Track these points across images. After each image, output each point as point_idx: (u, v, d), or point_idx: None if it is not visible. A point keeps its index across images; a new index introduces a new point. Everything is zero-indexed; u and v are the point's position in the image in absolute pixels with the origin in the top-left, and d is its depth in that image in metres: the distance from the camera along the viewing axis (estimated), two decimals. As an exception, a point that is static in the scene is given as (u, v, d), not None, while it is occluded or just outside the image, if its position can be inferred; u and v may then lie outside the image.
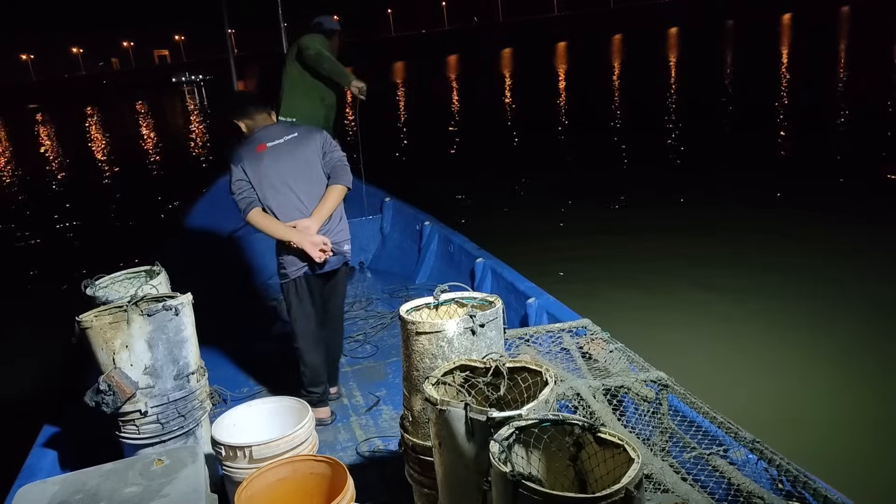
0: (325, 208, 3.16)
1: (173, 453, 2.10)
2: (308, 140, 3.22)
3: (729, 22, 54.53)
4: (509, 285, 4.16)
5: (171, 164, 17.82)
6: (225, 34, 6.32)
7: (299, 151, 3.19)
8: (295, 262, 3.22)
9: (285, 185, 3.15)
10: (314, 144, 3.21)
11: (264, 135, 3.22)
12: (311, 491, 2.27)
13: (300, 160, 3.18)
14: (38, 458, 2.86)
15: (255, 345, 4.48)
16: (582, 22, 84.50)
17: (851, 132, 11.09)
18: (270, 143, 3.18)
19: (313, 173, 3.19)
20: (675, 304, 5.58)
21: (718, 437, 2.25)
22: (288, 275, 3.27)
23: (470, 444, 1.59)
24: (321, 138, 3.26)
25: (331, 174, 3.22)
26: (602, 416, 2.23)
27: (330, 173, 3.22)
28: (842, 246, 6.28)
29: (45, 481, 2.03)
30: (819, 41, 29.00)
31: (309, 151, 3.20)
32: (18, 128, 39.75)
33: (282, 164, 3.15)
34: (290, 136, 3.22)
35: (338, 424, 3.45)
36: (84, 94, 72.75)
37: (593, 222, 8.04)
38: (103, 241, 10.31)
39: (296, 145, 3.19)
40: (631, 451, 1.34)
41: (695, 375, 3.96)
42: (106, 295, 2.93)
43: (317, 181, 3.20)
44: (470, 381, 1.80)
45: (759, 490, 1.91)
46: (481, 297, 2.21)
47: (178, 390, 2.64)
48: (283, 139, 3.20)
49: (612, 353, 2.69)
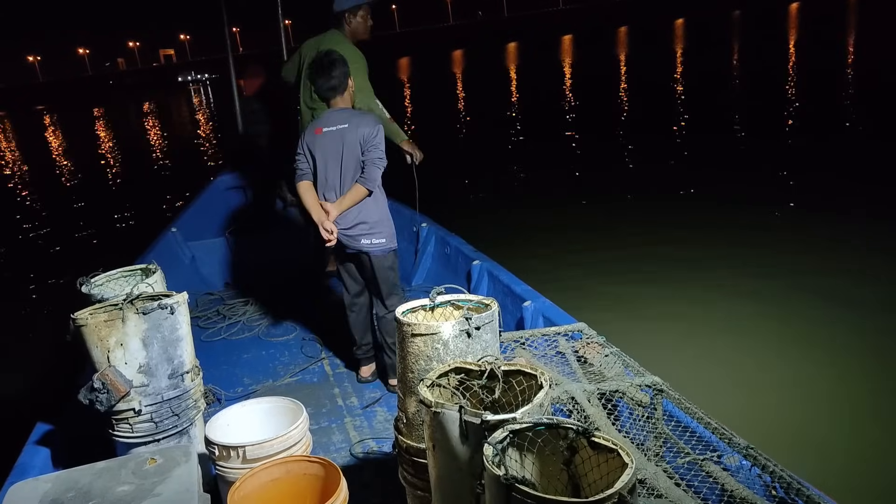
0: (344, 201, 3.48)
1: (166, 452, 2.09)
2: (354, 133, 3.47)
3: (735, 12, 54.55)
4: (505, 288, 4.16)
5: (173, 163, 17.82)
6: (226, 33, 6.32)
7: (344, 142, 3.48)
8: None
9: (325, 168, 3.52)
10: (357, 138, 3.46)
11: (326, 119, 3.55)
12: (305, 492, 2.26)
13: (341, 150, 3.48)
14: (31, 455, 2.84)
15: (251, 344, 4.48)
16: (587, 14, 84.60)
17: (857, 130, 11.06)
18: (326, 129, 3.51)
19: (349, 165, 3.49)
20: (671, 309, 5.58)
21: (712, 442, 2.25)
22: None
23: (464, 446, 1.59)
24: (367, 133, 3.47)
25: (362, 171, 3.49)
26: (596, 421, 2.23)
27: (362, 170, 3.49)
28: (841, 249, 6.26)
29: (38, 479, 2.02)
30: (825, 32, 28.97)
31: (351, 144, 3.47)
32: (25, 129, 39.74)
33: (326, 149, 3.50)
34: (342, 125, 3.49)
35: (332, 425, 3.44)
36: (91, 94, 72.71)
37: (591, 225, 8.03)
38: (101, 239, 10.31)
39: (343, 135, 3.48)
40: (625, 455, 1.34)
41: (690, 381, 3.96)
42: (101, 293, 2.93)
43: (350, 173, 3.50)
44: (465, 383, 1.80)
45: (752, 496, 1.91)
46: (477, 299, 2.21)
47: (173, 389, 2.64)
48: (335, 127, 3.50)
49: (607, 357, 2.69)
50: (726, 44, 30.86)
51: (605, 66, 28.66)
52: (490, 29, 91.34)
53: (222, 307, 4.99)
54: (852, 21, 32.82)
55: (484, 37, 76.78)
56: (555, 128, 15.34)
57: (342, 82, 3.57)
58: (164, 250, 5.08)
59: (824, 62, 19.47)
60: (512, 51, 52.50)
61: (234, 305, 5.01)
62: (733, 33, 37.20)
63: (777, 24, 37.70)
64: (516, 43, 61.43)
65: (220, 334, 4.62)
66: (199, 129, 26.88)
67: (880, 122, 11.18)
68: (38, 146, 28.05)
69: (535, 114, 18.64)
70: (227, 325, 4.73)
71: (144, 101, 50.15)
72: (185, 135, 25.62)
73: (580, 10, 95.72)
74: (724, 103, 15.26)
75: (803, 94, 15.08)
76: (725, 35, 35.83)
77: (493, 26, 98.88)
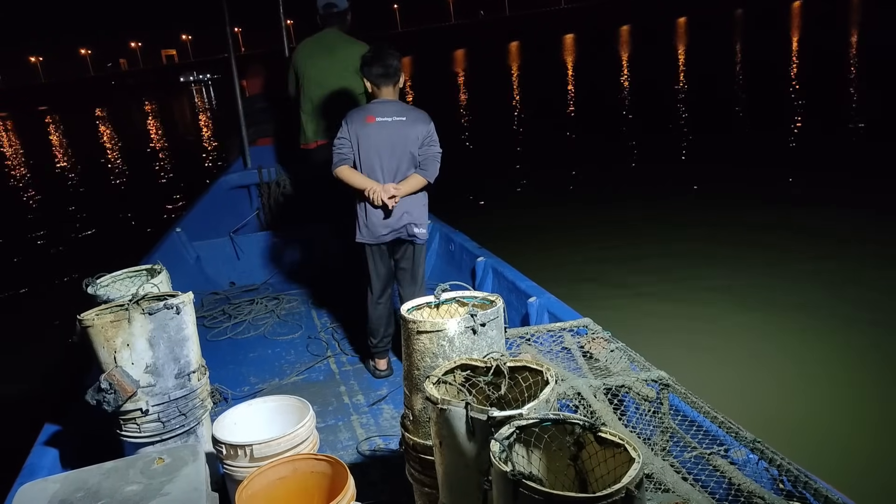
0: (404, 186, 3.53)
1: (174, 452, 2.10)
2: (413, 128, 3.53)
3: (738, 11, 54.40)
4: (510, 284, 4.15)
5: (176, 163, 17.84)
6: (227, 33, 6.32)
7: (401, 134, 3.52)
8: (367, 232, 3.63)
9: (376, 157, 3.52)
10: (416, 134, 3.53)
11: (379, 109, 3.54)
12: (312, 490, 2.26)
13: (397, 141, 3.52)
14: (39, 456, 2.85)
15: (257, 343, 4.49)
16: (589, 13, 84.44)
17: (862, 127, 11.01)
18: (380, 119, 3.51)
19: (404, 157, 3.54)
20: (677, 303, 5.57)
21: (719, 436, 2.25)
22: (362, 241, 3.68)
23: (470, 443, 1.59)
24: (426, 130, 3.56)
25: (421, 164, 3.57)
26: (603, 416, 2.23)
27: (420, 163, 3.57)
28: (848, 244, 6.24)
29: (46, 479, 2.02)
30: (829, 29, 28.84)
31: (409, 137, 3.53)
32: (28, 129, 39.82)
33: (380, 139, 3.51)
34: (400, 118, 3.53)
35: (339, 423, 3.45)
36: (93, 95, 72.83)
37: (595, 221, 8.02)
38: (106, 239, 10.33)
39: (400, 128, 3.52)
40: (632, 450, 1.34)
41: (696, 375, 3.97)
42: (107, 293, 2.93)
43: (404, 164, 3.56)
44: (471, 380, 1.80)
45: (759, 490, 1.90)
46: (482, 296, 2.21)
47: (179, 389, 2.64)
48: (392, 118, 3.52)
49: (613, 352, 2.69)
50: (728, 41, 30.76)
51: (606, 65, 28.58)
52: (492, 28, 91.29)
53: (228, 307, 5.00)
54: (854, 19, 32.62)
55: (486, 36, 76.69)
56: (559, 125, 15.32)
57: (399, 72, 3.61)
58: (168, 250, 5.09)
59: (827, 58, 19.38)
60: (514, 50, 52.41)
61: (240, 305, 5.02)
62: (735, 31, 37.08)
63: (778, 22, 37.51)
64: (518, 42, 61.32)
65: (225, 333, 4.63)
66: (201, 129, 26.91)
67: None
68: (41, 147, 28.10)
69: (538, 111, 18.62)
70: (232, 324, 4.74)
71: (146, 102, 50.21)
72: (188, 135, 25.65)
73: (582, 10, 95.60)
74: (725, 102, 15.21)
75: (806, 91, 15.02)
76: (728, 33, 35.71)
77: (494, 25, 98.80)
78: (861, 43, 22.63)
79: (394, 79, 3.58)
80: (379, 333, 3.87)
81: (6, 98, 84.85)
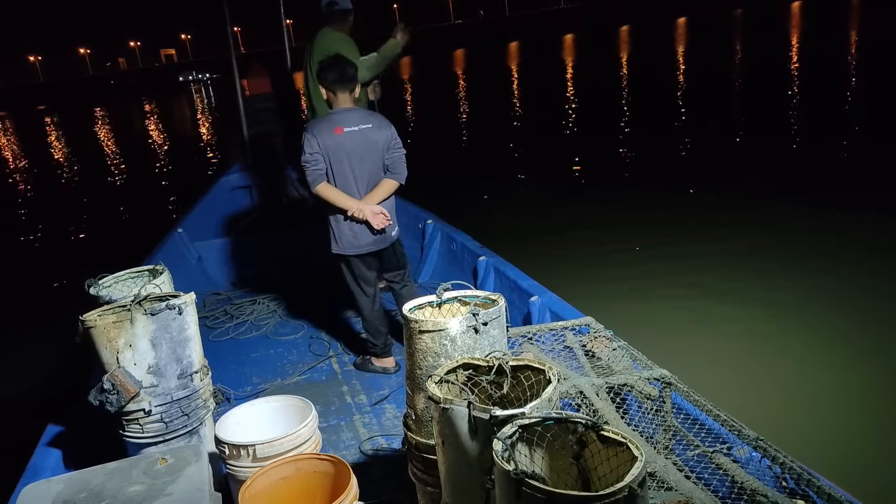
0: (376, 196, 3.60)
1: (177, 452, 2.10)
2: (379, 133, 3.60)
3: (738, 11, 54.36)
4: (512, 283, 4.15)
5: (177, 163, 17.85)
6: (228, 33, 6.32)
7: (370, 141, 3.58)
8: (349, 242, 3.67)
9: (349, 168, 3.57)
10: (383, 139, 3.60)
11: (344, 119, 3.58)
12: (315, 489, 2.27)
13: (366, 150, 3.57)
14: (43, 457, 2.86)
15: (259, 343, 4.49)
16: (588, 13, 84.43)
17: (863, 126, 10.98)
18: (347, 129, 3.55)
19: (374, 164, 3.61)
20: (678, 302, 5.57)
21: (722, 434, 2.24)
22: (343, 253, 3.70)
23: (473, 442, 1.59)
24: (390, 134, 3.63)
25: (389, 168, 3.63)
26: (605, 415, 2.23)
27: (389, 167, 3.63)
28: (850, 242, 6.23)
29: (50, 480, 2.03)
30: (830, 28, 28.79)
31: (378, 144, 3.59)
32: (27, 129, 39.85)
33: (351, 149, 3.55)
34: (365, 125, 3.59)
35: (341, 423, 3.45)
36: (92, 94, 72.85)
37: (595, 220, 8.02)
38: (107, 240, 10.33)
39: (368, 135, 3.57)
40: (634, 449, 1.34)
41: (698, 373, 3.96)
42: (109, 294, 2.94)
43: (374, 171, 3.62)
44: (473, 379, 1.80)
45: (762, 488, 1.90)
46: (484, 295, 2.21)
47: (182, 389, 2.65)
48: (358, 127, 3.57)
49: (615, 350, 2.69)
50: (728, 41, 30.72)
51: (606, 65, 28.55)
52: (491, 28, 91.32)
53: (230, 307, 5.00)
54: (854, 18, 32.56)
55: (485, 36, 76.69)
56: (560, 124, 15.31)
57: (354, 80, 3.67)
58: (170, 251, 5.10)
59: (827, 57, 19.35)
60: (514, 50, 52.37)
61: (242, 305, 5.03)
62: (735, 31, 37.03)
63: (776, 22, 37.43)
64: (518, 42, 61.27)
65: (227, 334, 4.63)
66: (200, 129, 26.92)
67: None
68: (40, 147, 28.10)
69: (539, 111, 18.60)
70: (234, 324, 4.74)
71: (146, 101, 50.21)
72: (188, 135, 25.66)
73: (581, 9, 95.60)
74: (725, 102, 15.21)
75: (805, 92, 15.00)
76: (727, 32, 35.66)
77: (494, 26, 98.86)
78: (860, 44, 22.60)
79: (349, 85, 3.64)
80: (381, 333, 3.90)
81: (5, 97, 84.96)
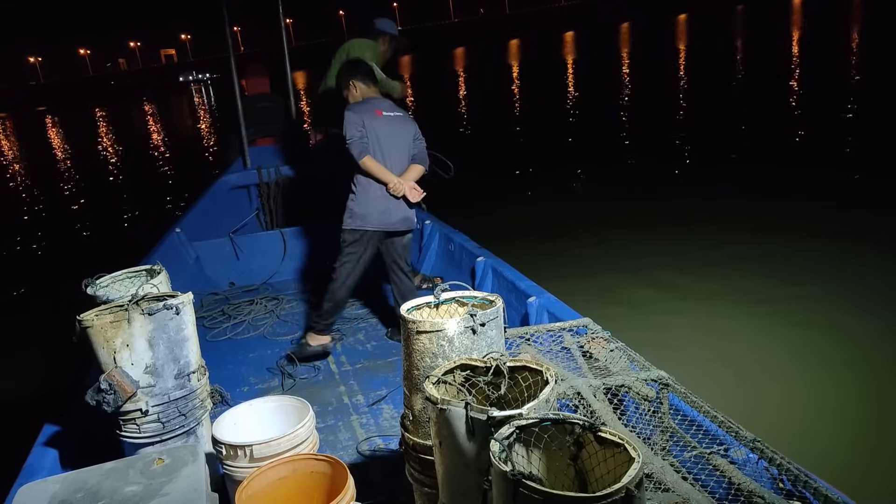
0: (409, 176, 3.94)
1: (174, 452, 2.10)
2: (408, 123, 4.03)
3: (739, 7, 54.42)
4: (510, 284, 4.15)
5: (176, 163, 17.83)
6: (227, 33, 6.32)
7: (402, 129, 3.98)
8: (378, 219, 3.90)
9: (387, 148, 3.89)
10: (412, 129, 4.02)
11: (381, 104, 3.98)
12: (312, 490, 2.26)
13: (400, 135, 3.95)
14: (39, 456, 2.85)
15: (256, 344, 4.49)
16: (589, 10, 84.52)
17: (863, 125, 10.98)
18: (386, 113, 3.93)
19: (404, 149, 3.96)
20: (676, 303, 5.57)
21: (719, 436, 2.24)
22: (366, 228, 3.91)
23: (470, 443, 1.59)
24: (415, 126, 4.06)
25: (416, 156, 4.01)
26: (603, 416, 2.23)
27: (416, 156, 4.01)
28: (849, 244, 6.23)
29: (46, 480, 2.03)
30: (829, 25, 28.79)
31: (409, 132, 4.00)
32: (27, 130, 39.80)
33: (388, 131, 3.90)
34: (398, 113, 4.00)
35: (338, 423, 3.45)
36: (92, 95, 72.80)
37: (594, 221, 8.02)
38: (105, 240, 10.33)
39: (402, 122, 3.99)
40: (631, 450, 1.34)
41: (696, 374, 3.96)
42: (106, 294, 2.93)
43: (405, 155, 3.97)
44: (470, 380, 1.80)
45: (759, 489, 1.90)
46: (482, 296, 2.21)
47: (179, 389, 2.64)
48: (394, 113, 3.97)
49: (612, 352, 2.69)
50: (729, 38, 30.75)
51: (606, 64, 28.56)
52: (491, 26, 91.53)
53: (227, 307, 5.00)
54: (857, 16, 32.59)
55: (486, 34, 76.84)
56: (558, 125, 15.31)
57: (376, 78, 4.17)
58: (168, 251, 5.09)
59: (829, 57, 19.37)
60: (514, 48, 52.40)
61: (239, 305, 5.02)
62: (736, 27, 37.05)
63: (778, 19, 37.49)
64: (518, 40, 61.31)
65: (225, 334, 4.63)
66: (200, 129, 26.90)
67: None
68: (40, 147, 28.10)
69: (538, 111, 18.61)
70: (232, 324, 4.74)
71: (146, 102, 50.19)
72: (187, 135, 25.64)
73: (581, 7, 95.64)
74: (725, 101, 15.19)
75: (805, 92, 15.00)
76: (728, 29, 35.70)
77: (494, 23, 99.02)
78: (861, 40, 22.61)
79: (373, 77, 4.08)
80: (339, 309, 4.09)
81: (5, 98, 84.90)
